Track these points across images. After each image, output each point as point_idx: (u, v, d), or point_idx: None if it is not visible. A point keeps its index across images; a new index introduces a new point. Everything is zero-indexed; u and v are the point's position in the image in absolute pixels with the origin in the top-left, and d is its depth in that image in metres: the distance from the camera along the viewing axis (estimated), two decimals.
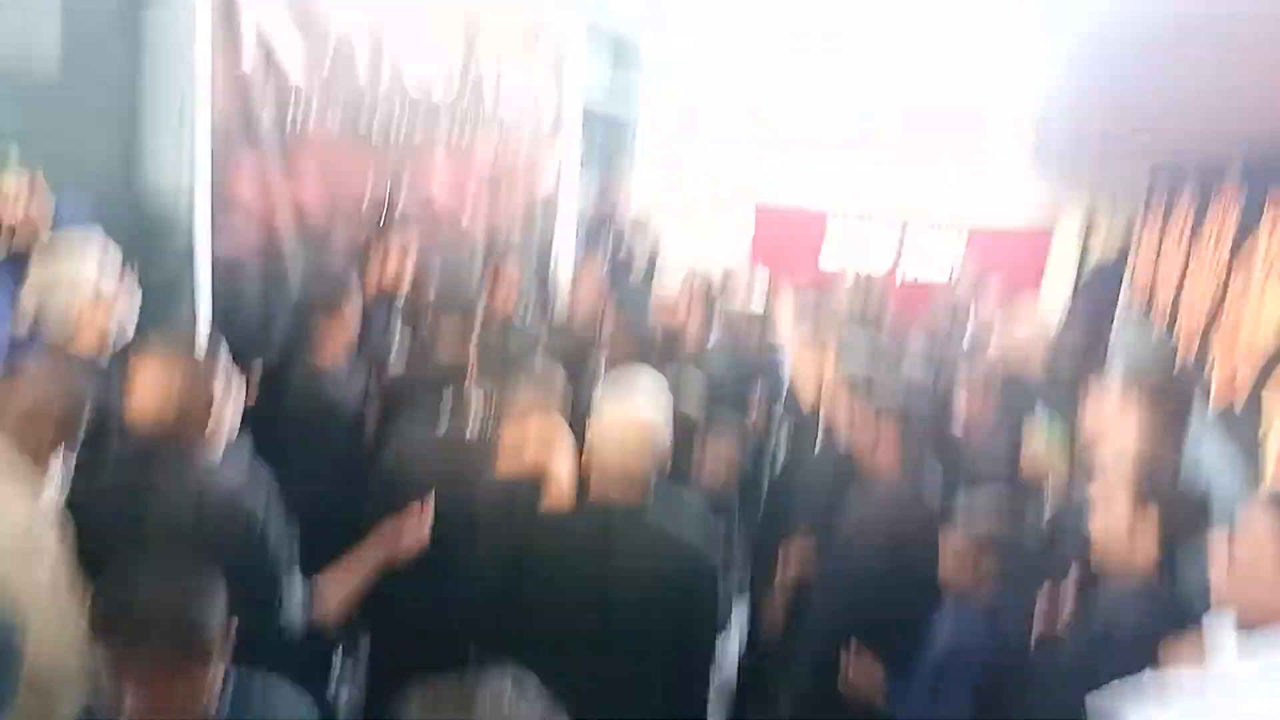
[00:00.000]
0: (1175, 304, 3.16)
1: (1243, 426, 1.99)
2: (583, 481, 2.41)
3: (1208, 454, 2.42)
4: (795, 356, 3.76)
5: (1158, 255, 3.99)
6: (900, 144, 6.50)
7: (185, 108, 3.41)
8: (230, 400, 2.24)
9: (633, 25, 6.80)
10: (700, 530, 2.33)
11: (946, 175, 6.48)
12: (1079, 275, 6.47)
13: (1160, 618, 2.07)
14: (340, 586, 2.29)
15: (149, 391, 2.11)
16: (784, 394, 4.50)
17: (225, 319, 3.58)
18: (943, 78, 6.28)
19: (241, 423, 2.49)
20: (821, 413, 3.56)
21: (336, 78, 4.01)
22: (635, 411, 2.31)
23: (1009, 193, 6.36)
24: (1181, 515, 2.11)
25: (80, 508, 2.14)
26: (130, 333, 2.80)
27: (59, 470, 2.17)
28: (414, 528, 2.45)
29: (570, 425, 2.76)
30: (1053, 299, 6.49)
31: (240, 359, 3.47)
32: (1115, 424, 2.66)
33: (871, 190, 6.67)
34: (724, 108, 6.92)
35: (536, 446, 2.62)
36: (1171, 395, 2.67)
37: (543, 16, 5.39)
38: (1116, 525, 2.18)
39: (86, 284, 2.65)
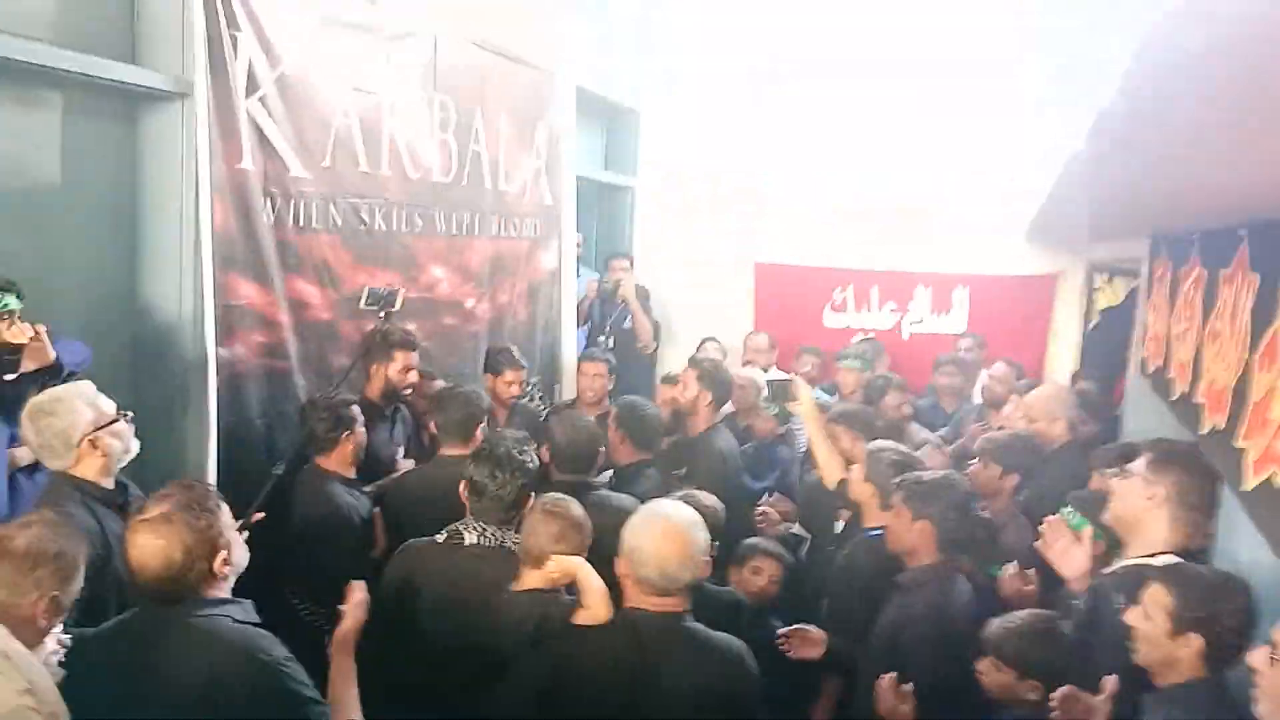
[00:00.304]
0: (1196, 362, 3.09)
1: None
2: (615, 590, 2.37)
3: (1244, 539, 2.35)
4: (817, 448, 3.69)
5: (1170, 313, 3.94)
6: (900, 207, 6.48)
7: (185, 210, 3.39)
8: (236, 544, 2.18)
9: (629, 92, 6.84)
10: (736, 632, 2.33)
11: (948, 232, 6.45)
12: (1087, 318, 6.43)
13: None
14: (343, 708, 2.22)
15: (148, 551, 2.04)
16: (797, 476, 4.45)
17: (231, 428, 3.54)
18: (942, 147, 6.27)
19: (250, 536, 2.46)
20: (843, 502, 3.55)
21: (337, 166, 4.00)
22: (674, 514, 2.31)
23: (1011, 249, 6.33)
24: (1224, 629, 2.03)
25: (80, 681, 2.06)
26: (134, 450, 2.75)
27: (53, 641, 2.10)
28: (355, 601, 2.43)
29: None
30: (1063, 343, 6.45)
31: (246, 471, 3.51)
32: (1144, 515, 2.59)
33: (873, 245, 6.64)
34: (722, 169, 6.93)
35: (563, 557, 2.52)
36: (1198, 467, 2.60)
37: (539, 89, 5.40)
38: (1158, 651, 2.11)
39: (85, 406, 2.60)
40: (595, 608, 2.33)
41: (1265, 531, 2.10)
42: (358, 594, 2.48)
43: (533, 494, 2.80)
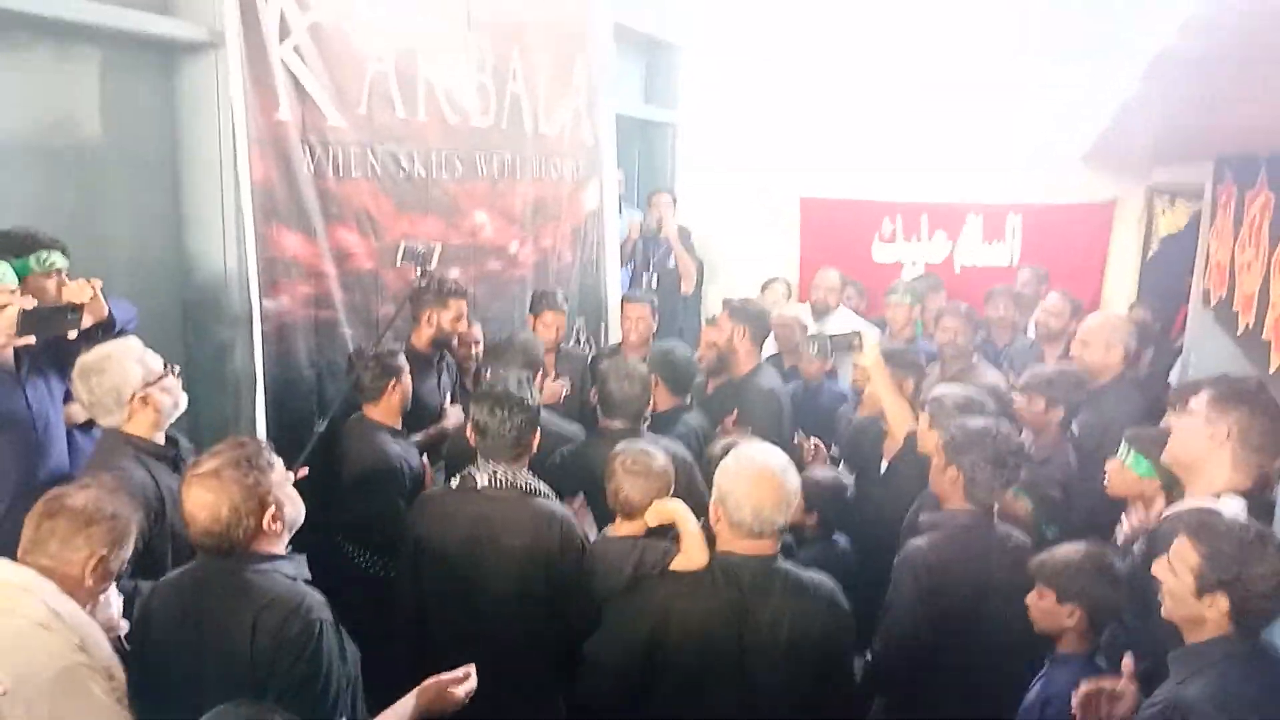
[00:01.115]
0: (1265, 293, 2.95)
1: None
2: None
3: None
4: (885, 401, 3.63)
5: (1234, 240, 3.78)
6: (947, 132, 6.27)
7: (225, 163, 3.40)
8: (289, 500, 2.20)
9: (668, 26, 6.67)
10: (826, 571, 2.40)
11: (998, 158, 6.23)
12: (1146, 247, 6.21)
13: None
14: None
15: (199, 505, 2.07)
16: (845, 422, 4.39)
17: (279, 380, 3.58)
18: (996, 79, 6.02)
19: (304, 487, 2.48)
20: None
21: (374, 113, 3.96)
22: (767, 460, 2.33)
23: (1066, 175, 6.10)
24: (1252, 592, 1.95)
25: (143, 629, 2.14)
26: (184, 406, 2.79)
27: (112, 599, 2.16)
28: (459, 693, 2.21)
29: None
30: (1121, 273, 6.26)
31: (296, 422, 3.56)
32: (1205, 455, 2.51)
33: (923, 177, 6.45)
34: (766, 102, 6.75)
35: (662, 501, 2.57)
36: (1264, 406, 2.51)
37: (576, 27, 5.29)
38: (1183, 608, 2.04)
39: (134, 363, 2.64)
40: (694, 553, 2.36)
41: None
42: (466, 681, 2.25)
43: (538, 430, 2.81)
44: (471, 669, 2.23)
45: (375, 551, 3.39)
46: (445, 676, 2.19)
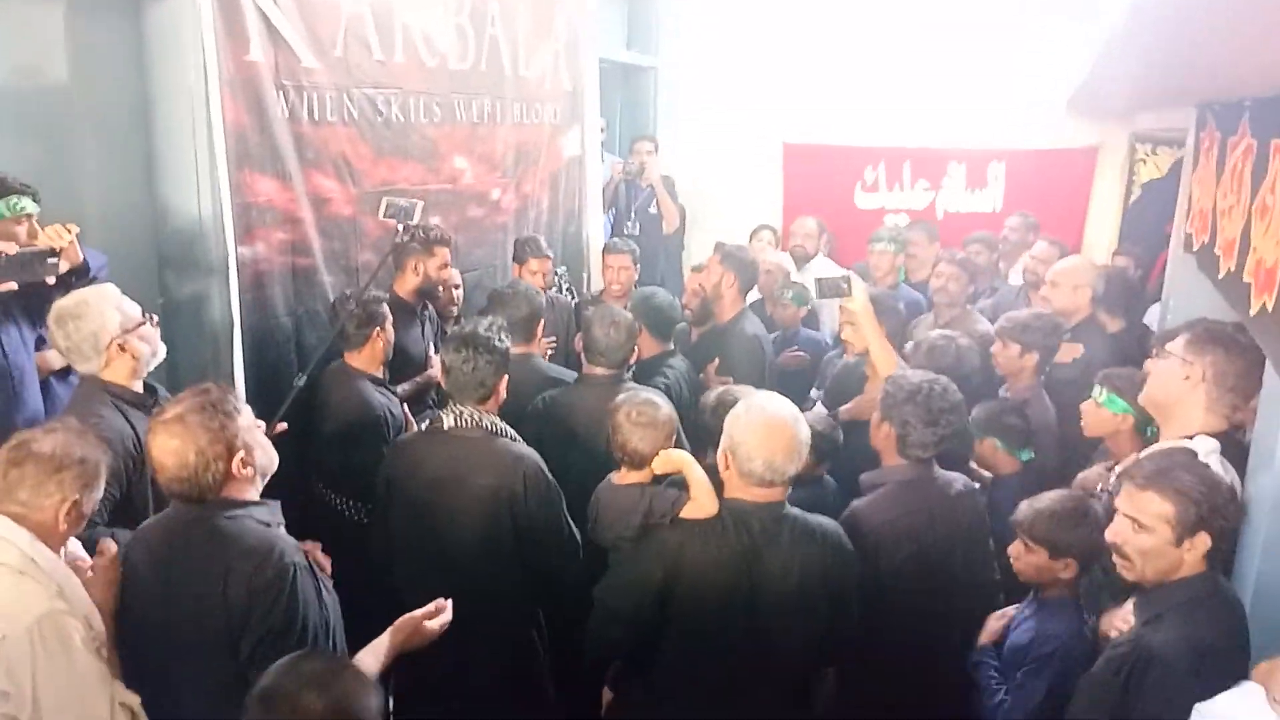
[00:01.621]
0: (1246, 237, 2.96)
1: None
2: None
3: None
4: (872, 345, 3.63)
5: (1216, 186, 3.78)
6: (930, 78, 6.21)
7: (196, 107, 3.32)
8: (259, 446, 2.18)
9: None
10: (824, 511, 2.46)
11: (981, 105, 6.19)
12: (1128, 194, 6.21)
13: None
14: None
15: (165, 451, 2.04)
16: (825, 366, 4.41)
17: (256, 329, 3.55)
18: (980, 25, 5.95)
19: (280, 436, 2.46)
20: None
21: (349, 55, 3.88)
22: (777, 409, 2.35)
23: (1049, 121, 6.07)
24: (1227, 524, 2.01)
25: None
26: (162, 354, 2.77)
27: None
28: (433, 627, 2.24)
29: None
30: (1103, 218, 6.26)
31: (275, 369, 3.53)
32: (1180, 396, 2.54)
33: (904, 122, 6.40)
34: (749, 46, 6.66)
35: (670, 451, 2.59)
36: (1238, 348, 2.53)
37: None
38: (1161, 561, 2.06)
39: (112, 310, 2.61)
40: (705, 501, 2.38)
41: None
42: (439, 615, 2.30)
43: (505, 374, 2.82)
44: (445, 604, 2.26)
45: (357, 499, 3.39)
46: (418, 613, 2.21)
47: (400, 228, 3.63)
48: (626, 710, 2.63)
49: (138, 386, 2.69)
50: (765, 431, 2.29)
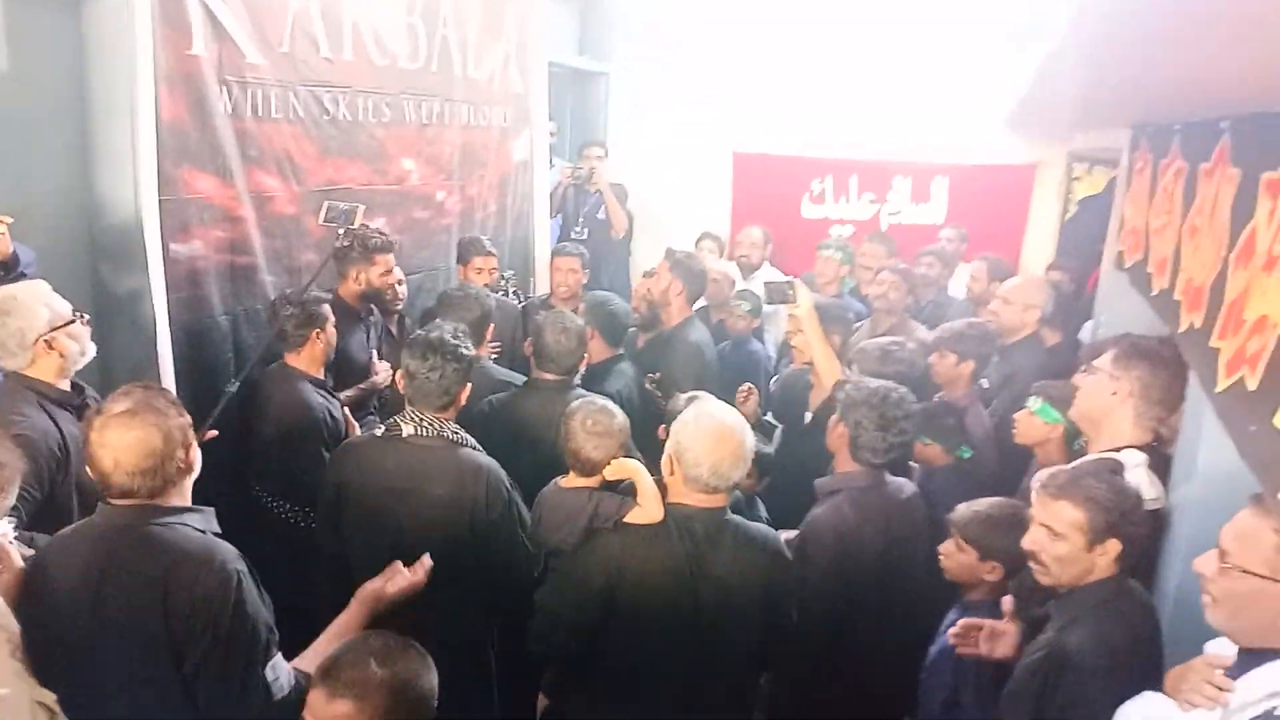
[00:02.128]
0: (1176, 258, 3.06)
1: (1256, 406, 1.90)
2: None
3: (1207, 438, 2.36)
4: (815, 351, 3.67)
5: (1149, 206, 3.89)
6: (878, 93, 6.31)
7: (134, 101, 3.24)
8: (194, 445, 2.12)
9: None
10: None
11: (926, 121, 6.30)
12: (1065, 210, 6.37)
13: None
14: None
15: (124, 444, 1.97)
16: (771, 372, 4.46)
17: (189, 327, 3.47)
18: (925, 42, 6.07)
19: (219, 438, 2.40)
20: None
21: (296, 52, 3.82)
22: (725, 416, 2.38)
23: (991, 138, 6.21)
24: (1135, 530, 2.08)
25: (29, 596, 2.03)
26: (91, 354, 2.70)
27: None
28: (392, 589, 2.36)
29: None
30: (1040, 234, 6.41)
31: (210, 368, 3.46)
32: (1109, 410, 2.61)
33: (852, 135, 6.49)
34: (701, 55, 6.70)
35: (622, 460, 2.59)
36: (1163, 362, 2.61)
37: None
38: (1075, 567, 2.13)
39: (41, 306, 2.55)
40: (652, 508, 2.39)
41: (1231, 432, 2.10)
42: (413, 573, 2.43)
43: (468, 384, 2.79)
44: (398, 565, 2.37)
45: (296, 502, 3.34)
46: (376, 580, 2.33)
47: (340, 232, 3.59)
48: (563, 715, 2.63)
49: (65, 385, 2.62)
50: (713, 439, 2.31)
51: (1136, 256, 3.97)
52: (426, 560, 2.46)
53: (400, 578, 2.37)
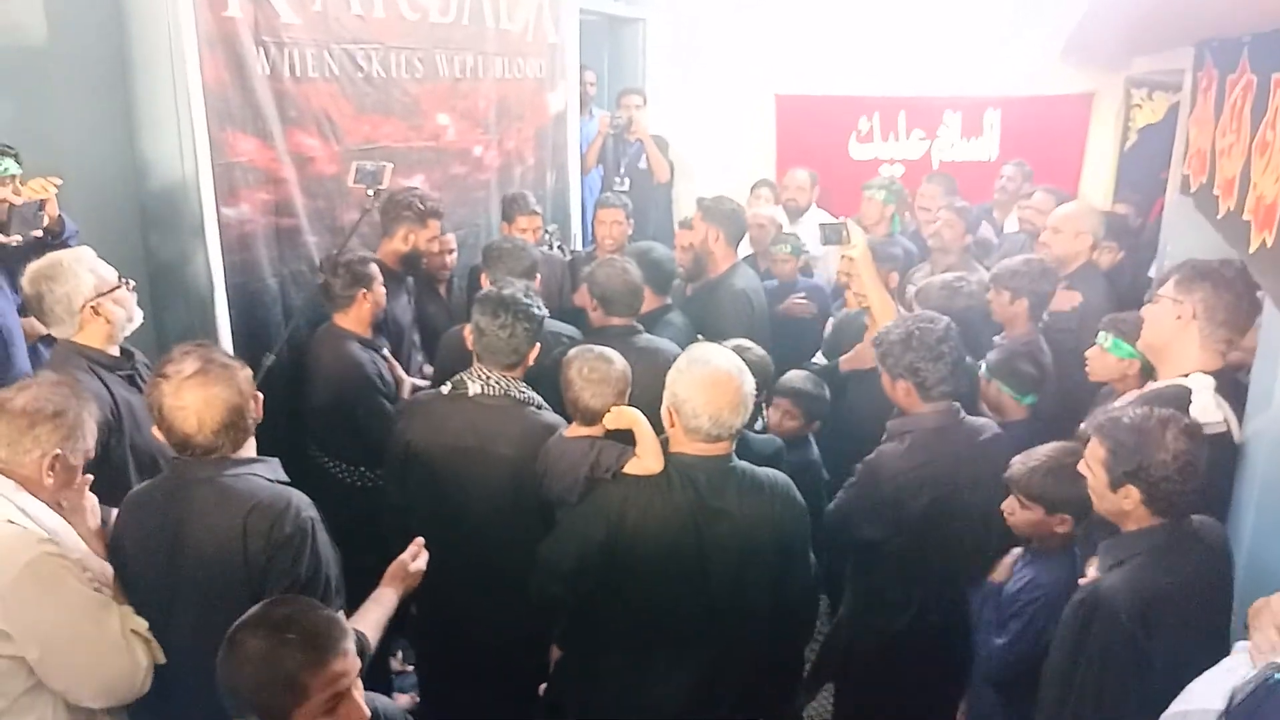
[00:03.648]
0: (1245, 175, 2.92)
1: None
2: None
3: None
4: (870, 292, 3.59)
5: (1215, 126, 3.72)
6: (923, 26, 6.11)
7: (175, 65, 3.24)
8: (258, 397, 2.17)
9: None
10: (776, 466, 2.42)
11: (975, 52, 6.09)
12: (1124, 139, 6.14)
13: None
14: (373, 628, 2.21)
15: (204, 402, 2.02)
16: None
17: (241, 290, 3.50)
18: None
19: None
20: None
21: (329, 10, 3.78)
22: (722, 362, 2.30)
23: (1044, 67, 5.98)
24: (1159, 478, 1.99)
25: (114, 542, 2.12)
26: (139, 319, 2.72)
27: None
28: (418, 565, 2.37)
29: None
30: (1099, 165, 6.19)
31: (261, 331, 3.48)
32: (1174, 336, 2.52)
33: (898, 71, 6.31)
34: None
35: (621, 408, 2.53)
36: (1225, 282, 2.51)
37: None
38: (1105, 503, 2.10)
39: (86, 272, 2.57)
40: (650, 459, 2.34)
41: None
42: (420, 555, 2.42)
43: (538, 343, 2.76)
44: (420, 543, 2.37)
45: (354, 462, 3.37)
46: (404, 556, 2.32)
47: (371, 193, 3.56)
48: (574, 665, 2.61)
49: (114, 351, 2.65)
50: (710, 387, 2.24)
51: (1201, 179, 3.81)
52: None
53: (425, 555, 2.37)
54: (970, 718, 2.74)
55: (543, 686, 2.79)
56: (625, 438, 2.46)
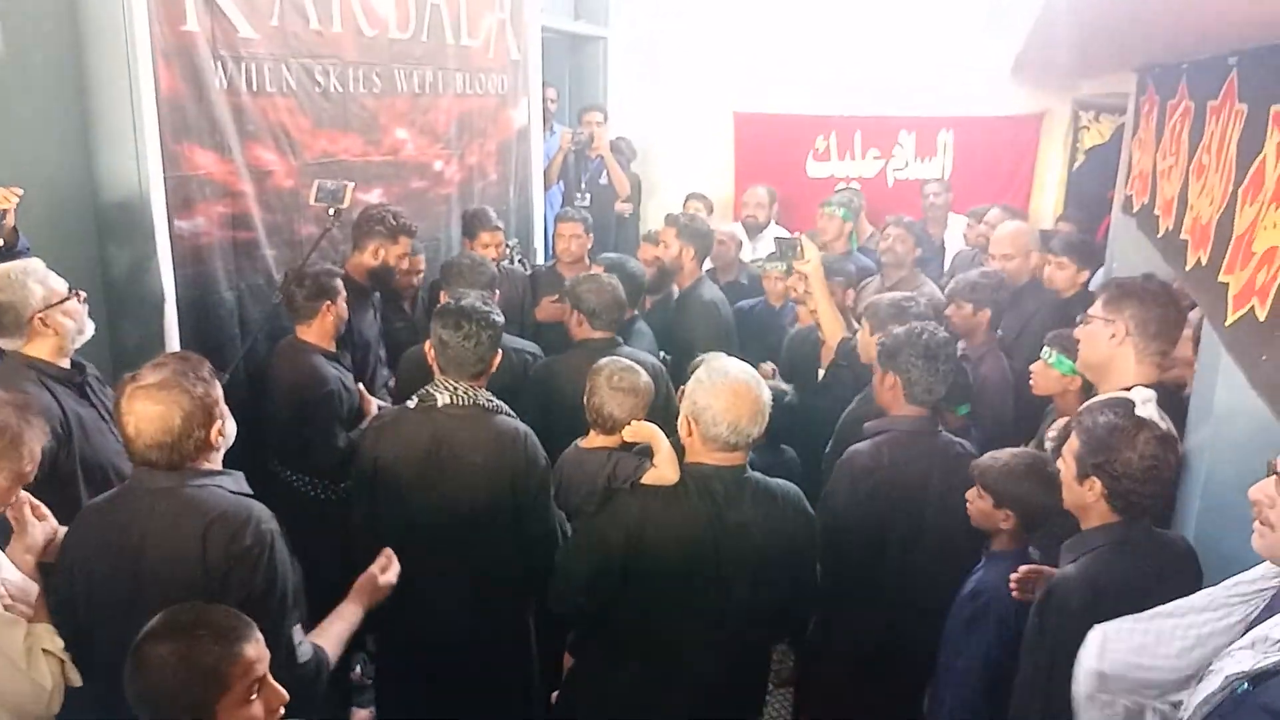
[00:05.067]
0: (1183, 196, 3.03)
1: (1266, 335, 1.88)
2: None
3: (1223, 377, 2.33)
4: (821, 307, 3.67)
5: (1156, 149, 3.84)
6: (879, 47, 6.23)
7: (131, 77, 3.22)
8: (227, 416, 2.16)
9: None
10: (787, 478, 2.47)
11: (929, 73, 6.22)
12: (1072, 160, 6.30)
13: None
14: (334, 643, 2.22)
15: (146, 417, 2.00)
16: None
17: (196, 304, 3.47)
18: None
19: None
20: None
21: (286, 24, 3.78)
22: (740, 375, 2.34)
23: (994, 90, 6.13)
24: (1121, 474, 2.05)
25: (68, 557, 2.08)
26: (90, 331, 2.69)
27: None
28: (387, 578, 2.39)
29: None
30: (1048, 184, 6.34)
31: (216, 345, 3.46)
32: (1110, 355, 2.60)
33: (855, 91, 6.42)
34: (699, 15, 6.63)
35: (640, 423, 2.57)
36: (1152, 296, 2.59)
37: None
38: (1071, 495, 2.17)
39: (35, 284, 2.54)
40: (667, 471, 2.37)
41: (1242, 364, 2.08)
42: (390, 567, 2.43)
43: (499, 351, 2.78)
44: (391, 554, 2.37)
45: (312, 474, 3.36)
46: (373, 568, 2.32)
47: (331, 211, 3.56)
48: (586, 674, 2.62)
49: (64, 363, 2.61)
50: (730, 396, 2.28)
51: (1143, 200, 3.93)
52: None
53: (394, 569, 2.38)
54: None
55: (554, 695, 2.80)
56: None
